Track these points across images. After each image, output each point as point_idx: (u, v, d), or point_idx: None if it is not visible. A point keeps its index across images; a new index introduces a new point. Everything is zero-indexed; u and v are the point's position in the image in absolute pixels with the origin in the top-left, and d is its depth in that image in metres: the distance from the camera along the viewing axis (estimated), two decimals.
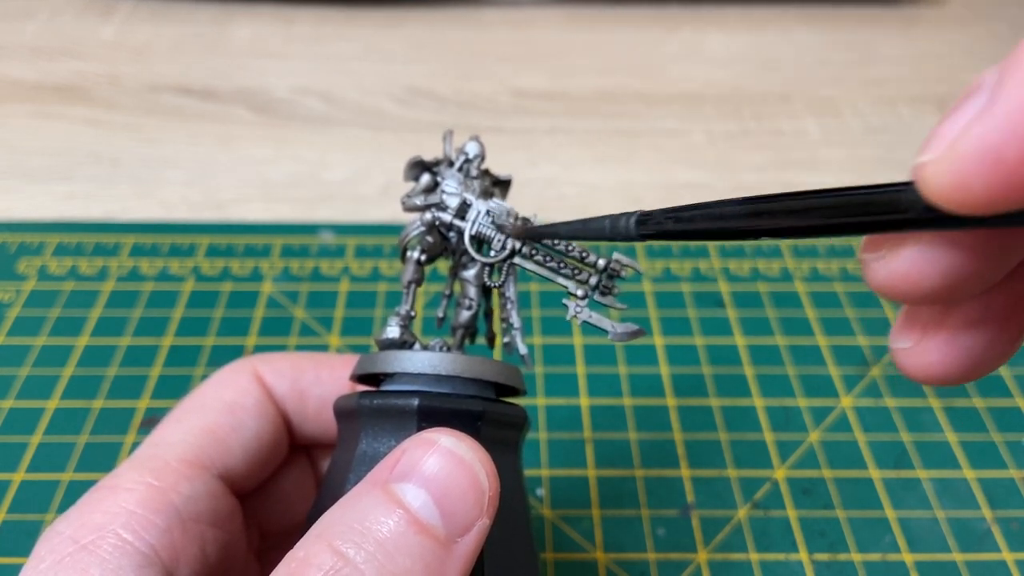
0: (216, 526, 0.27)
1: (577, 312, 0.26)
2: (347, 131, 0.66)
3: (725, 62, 0.75)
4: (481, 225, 0.28)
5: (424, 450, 0.22)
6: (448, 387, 0.26)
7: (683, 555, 0.40)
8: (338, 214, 0.58)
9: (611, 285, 0.27)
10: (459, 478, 0.22)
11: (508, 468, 0.26)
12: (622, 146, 0.65)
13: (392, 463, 0.22)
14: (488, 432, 0.25)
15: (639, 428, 0.45)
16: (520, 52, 0.76)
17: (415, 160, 0.29)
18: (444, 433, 0.22)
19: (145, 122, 0.66)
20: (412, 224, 0.29)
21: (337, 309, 0.51)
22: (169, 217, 0.58)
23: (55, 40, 0.75)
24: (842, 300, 0.53)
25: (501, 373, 0.27)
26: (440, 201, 0.28)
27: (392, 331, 0.27)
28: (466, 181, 0.29)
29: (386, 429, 0.25)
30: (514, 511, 0.26)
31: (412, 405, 0.25)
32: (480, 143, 0.30)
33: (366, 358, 0.28)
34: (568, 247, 0.27)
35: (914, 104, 0.71)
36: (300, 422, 0.31)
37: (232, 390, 0.30)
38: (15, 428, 0.44)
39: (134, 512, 0.24)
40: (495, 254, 0.27)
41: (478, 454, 0.22)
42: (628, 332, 0.26)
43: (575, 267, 0.27)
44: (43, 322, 0.50)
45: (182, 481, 0.26)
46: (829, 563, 0.39)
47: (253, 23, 0.78)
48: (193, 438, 0.28)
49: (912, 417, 0.46)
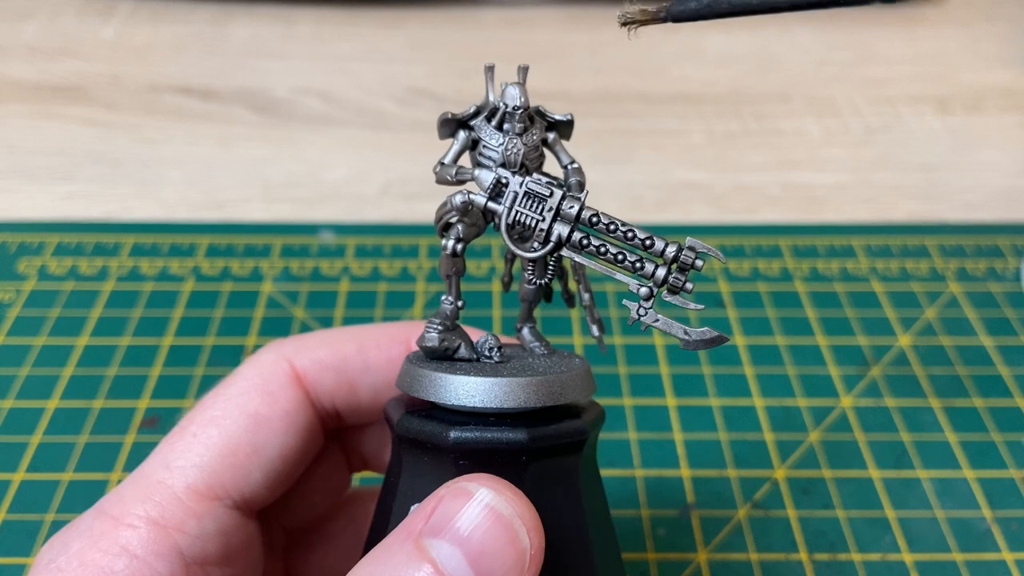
0: (225, 564, 0.25)
1: (641, 315, 0.22)
2: (347, 131, 0.66)
3: (725, 62, 0.75)
4: (519, 211, 0.23)
5: (460, 503, 0.20)
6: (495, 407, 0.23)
7: (683, 555, 0.40)
8: (338, 214, 0.58)
9: (682, 279, 0.22)
10: (497, 536, 0.20)
11: (567, 501, 0.23)
12: (622, 146, 0.65)
13: (427, 513, 0.20)
14: (536, 468, 0.22)
15: (639, 428, 0.45)
16: (520, 52, 0.76)
17: (445, 116, 0.25)
18: (483, 483, 0.21)
19: (145, 122, 0.66)
20: (444, 205, 0.24)
21: (337, 309, 0.51)
22: (169, 217, 0.58)
23: (55, 40, 0.75)
24: (842, 300, 0.53)
25: (551, 394, 0.23)
26: (470, 174, 0.24)
27: (431, 339, 0.24)
28: (508, 140, 0.24)
29: (424, 461, 0.23)
30: (578, 546, 0.23)
31: (447, 439, 0.22)
32: (522, 87, 0.24)
33: (407, 371, 0.24)
34: (628, 232, 0.22)
35: (914, 104, 0.71)
36: (351, 414, 0.29)
37: (257, 398, 0.27)
38: (15, 428, 0.44)
39: (135, 556, 0.23)
40: (538, 246, 0.23)
41: (518, 507, 0.20)
42: (705, 339, 0.22)
43: (637, 258, 0.22)
44: (43, 322, 0.50)
45: (189, 519, 0.24)
46: (829, 563, 0.39)
47: (253, 23, 0.78)
48: (207, 462, 0.25)
49: (912, 417, 0.46)
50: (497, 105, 0.24)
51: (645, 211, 0.59)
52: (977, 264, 0.55)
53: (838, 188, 0.62)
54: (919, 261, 0.55)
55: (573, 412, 0.24)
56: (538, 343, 0.27)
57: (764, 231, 0.57)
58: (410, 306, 0.52)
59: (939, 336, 0.51)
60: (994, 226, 0.58)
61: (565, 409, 0.24)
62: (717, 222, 0.59)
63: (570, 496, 0.24)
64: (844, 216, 0.59)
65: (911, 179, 0.63)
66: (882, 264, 0.55)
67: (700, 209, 0.60)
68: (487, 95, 0.25)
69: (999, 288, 0.54)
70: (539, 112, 0.25)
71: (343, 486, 0.32)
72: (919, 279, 0.54)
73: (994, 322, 0.51)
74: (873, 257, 0.56)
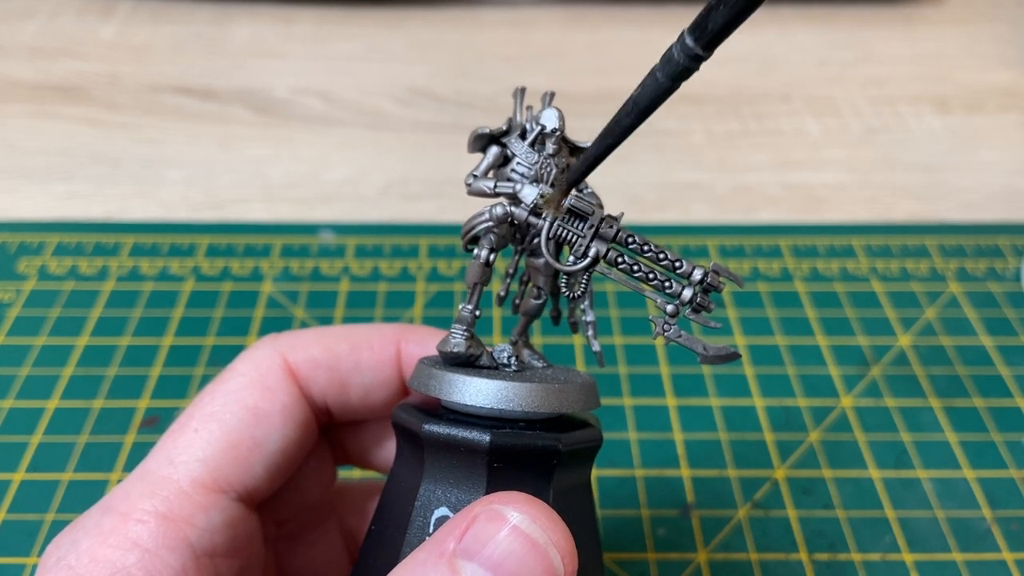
0: (232, 556, 0.26)
1: (666, 331, 0.23)
2: (347, 131, 0.66)
3: (725, 62, 0.75)
4: (561, 227, 0.24)
5: (495, 527, 0.20)
6: (519, 414, 0.23)
7: (683, 555, 0.40)
8: (338, 214, 0.58)
9: (706, 301, 0.23)
10: (532, 565, 0.20)
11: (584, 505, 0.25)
12: (622, 146, 0.65)
13: (460, 532, 0.20)
14: (563, 473, 0.23)
15: (639, 428, 0.45)
16: (520, 52, 0.76)
17: (480, 131, 0.25)
18: (518, 506, 0.20)
19: (145, 122, 0.66)
20: (480, 215, 0.25)
21: (337, 309, 0.51)
22: (169, 217, 0.58)
23: (55, 40, 0.75)
24: (842, 300, 0.53)
25: (577, 402, 0.24)
26: (514, 189, 0.24)
27: (458, 344, 0.24)
28: (541, 160, 0.25)
29: (453, 466, 0.23)
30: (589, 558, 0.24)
31: (484, 443, 0.22)
32: (559, 112, 0.25)
33: (429, 374, 0.25)
34: (659, 253, 0.23)
35: (914, 104, 0.71)
36: (341, 412, 0.29)
37: (256, 392, 0.27)
38: (15, 428, 0.44)
39: (147, 550, 0.23)
40: (575, 260, 0.24)
41: (554, 533, 0.20)
42: (721, 355, 0.23)
43: (665, 277, 0.23)
44: (43, 322, 0.50)
45: (197, 512, 0.24)
46: (829, 563, 0.39)
47: (253, 23, 0.78)
48: (211, 456, 0.26)
49: (912, 417, 0.46)
50: (526, 125, 0.25)
51: (645, 211, 0.59)
52: (977, 264, 0.55)
53: (838, 188, 0.62)
54: (919, 261, 0.55)
55: (585, 423, 0.25)
56: (535, 357, 0.28)
57: (764, 231, 0.57)
58: (410, 306, 0.52)
59: (939, 336, 0.51)
60: (994, 226, 0.58)
61: (581, 421, 0.25)
62: (717, 222, 0.59)
63: (586, 500, 0.25)
64: (844, 216, 0.59)
65: (911, 179, 0.63)
66: (882, 264, 0.55)
67: (700, 209, 0.60)
68: (515, 115, 0.26)
69: (999, 288, 0.54)
70: (564, 138, 0.26)
71: (331, 480, 0.33)
72: (919, 279, 0.54)
73: (994, 322, 0.51)
74: (873, 257, 0.56)
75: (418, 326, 0.30)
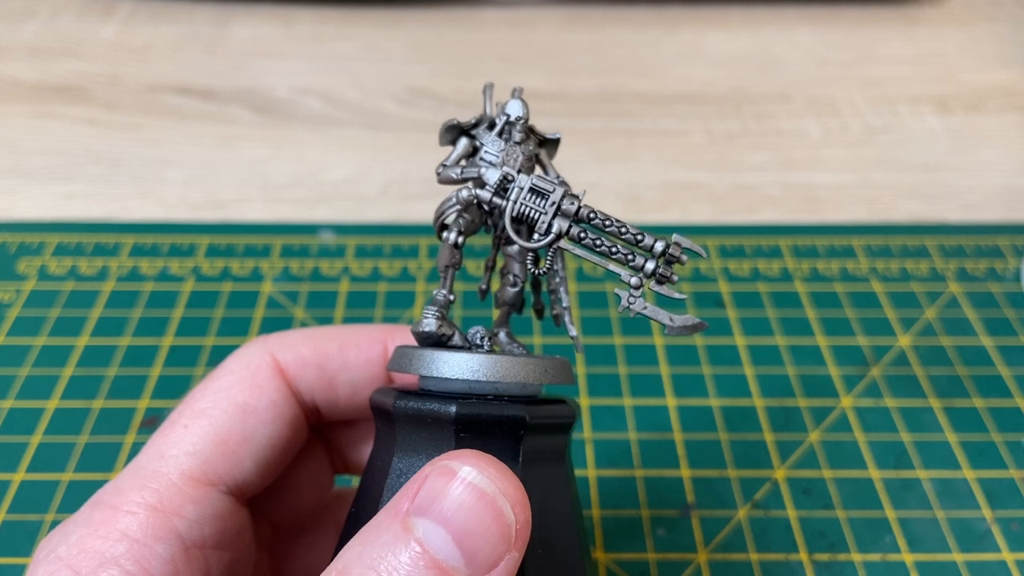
0: (222, 548, 0.26)
1: (631, 303, 0.24)
2: (347, 131, 0.66)
3: (725, 62, 0.75)
4: (523, 204, 0.24)
5: (444, 481, 0.20)
6: (489, 389, 0.24)
7: (683, 555, 0.40)
8: (338, 214, 0.58)
9: (668, 272, 0.24)
10: (481, 514, 0.20)
11: (554, 481, 0.25)
12: (622, 146, 0.65)
13: (413, 491, 0.21)
14: (532, 442, 0.24)
15: (639, 428, 0.45)
16: (520, 52, 0.76)
17: (450, 123, 0.26)
18: (466, 460, 0.21)
19: (145, 122, 0.66)
20: (448, 200, 0.26)
21: (337, 309, 0.51)
22: (169, 217, 0.58)
23: (55, 40, 0.75)
24: (842, 300, 0.53)
25: (546, 373, 0.25)
26: (479, 173, 0.26)
27: (429, 323, 0.25)
28: (508, 147, 0.26)
29: (422, 437, 0.24)
30: (561, 525, 0.25)
31: (449, 413, 0.23)
32: (523, 102, 0.26)
33: (403, 353, 0.26)
34: (621, 228, 0.24)
35: (914, 104, 0.71)
36: (329, 410, 0.30)
37: (246, 389, 0.28)
38: (15, 428, 0.44)
39: (136, 540, 0.23)
40: (539, 237, 0.24)
41: (503, 483, 0.21)
42: (688, 325, 0.24)
43: (628, 251, 0.24)
44: (43, 322, 0.50)
45: (187, 504, 0.25)
46: (829, 563, 0.39)
47: (253, 23, 0.78)
48: (200, 450, 0.26)
49: (912, 417, 0.46)
50: (495, 118, 0.27)
51: (645, 211, 0.59)
52: (977, 264, 0.55)
53: (838, 188, 0.62)
54: (919, 261, 0.55)
55: (559, 401, 0.26)
56: (514, 345, 0.28)
57: (764, 231, 0.57)
58: (410, 306, 0.52)
59: (939, 336, 0.51)
60: (994, 226, 0.58)
61: (556, 399, 0.26)
62: (717, 222, 0.59)
63: (557, 475, 0.25)
64: (844, 216, 0.59)
65: (911, 179, 0.63)
66: (882, 264, 0.55)
67: (700, 209, 0.60)
68: (485, 109, 0.27)
69: (999, 288, 0.54)
70: (531, 129, 0.27)
71: (327, 485, 0.33)
72: (919, 279, 0.54)
73: (994, 322, 0.51)
74: (873, 257, 0.56)
75: (405, 326, 0.31)
